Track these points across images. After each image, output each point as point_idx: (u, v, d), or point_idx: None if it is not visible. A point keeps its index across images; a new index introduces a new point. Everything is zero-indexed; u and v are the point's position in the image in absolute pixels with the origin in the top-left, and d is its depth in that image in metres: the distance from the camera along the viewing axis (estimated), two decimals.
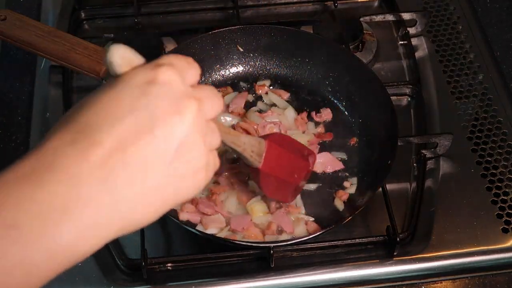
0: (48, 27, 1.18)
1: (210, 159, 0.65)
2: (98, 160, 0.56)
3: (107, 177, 0.56)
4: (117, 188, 0.57)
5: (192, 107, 0.60)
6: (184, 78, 0.61)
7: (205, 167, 0.63)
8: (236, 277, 1.04)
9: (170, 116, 0.59)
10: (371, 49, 1.36)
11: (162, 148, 0.58)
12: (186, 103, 0.60)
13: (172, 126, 0.59)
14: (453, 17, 1.43)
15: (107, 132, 0.57)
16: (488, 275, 1.07)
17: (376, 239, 1.07)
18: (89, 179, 0.56)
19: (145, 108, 0.58)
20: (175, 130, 0.59)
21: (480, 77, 1.33)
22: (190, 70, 0.63)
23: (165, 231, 1.11)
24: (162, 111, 0.58)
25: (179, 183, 0.61)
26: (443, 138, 1.16)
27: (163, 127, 0.58)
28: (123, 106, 0.58)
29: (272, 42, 1.26)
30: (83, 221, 0.56)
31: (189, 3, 1.46)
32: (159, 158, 0.58)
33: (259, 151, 0.96)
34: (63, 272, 1.02)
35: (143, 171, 0.58)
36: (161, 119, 0.58)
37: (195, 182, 0.63)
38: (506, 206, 1.13)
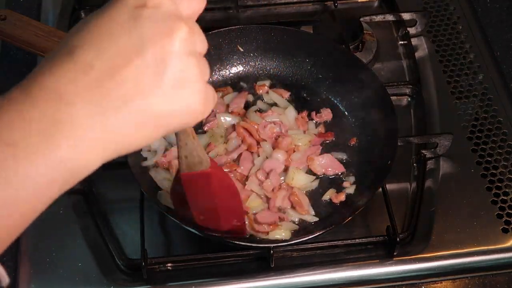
0: (48, 27, 1.18)
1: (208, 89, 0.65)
2: (89, 81, 0.56)
3: (99, 99, 0.56)
4: (108, 110, 0.57)
5: (182, 29, 0.61)
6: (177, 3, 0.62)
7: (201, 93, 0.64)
8: (236, 277, 1.04)
9: (160, 38, 0.59)
10: (371, 49, 1.36)
11: (152, 69, 0.59)
12: (176, 24, 0.60)
13: (163, 47, 0.59)
14: (453, 17, 1.44)
15: (96, 55, 0.57)
16: (488, 275, 1.07)
17: (376, 239, 1.07)
18: (81, 100, 0.56)
19: (135, 29, 0.58)
20: (165, 51, 0.59)
21: (480, 77, 1.33)
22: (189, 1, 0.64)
23: (165, 231, 1.11)
24: (152, 33, 0.59)
25: (171, 104, 0.61)
26: (443, 138, 1.16)
27: (153, 48, 0.58)
28: (114, 29, 0.58)
29: (272, 42, 1.27)
30: (77, 138, 0.56)
31: None
32: (150, 79, 0.59)
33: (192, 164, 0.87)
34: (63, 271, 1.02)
35: (135, 93, 0.58)
36: (151, 41, 0.58)
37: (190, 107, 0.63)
38: (506, 206, 1.13)
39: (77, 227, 1.10)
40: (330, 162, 1.15)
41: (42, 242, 1.08)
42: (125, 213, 1.12)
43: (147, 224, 1.05)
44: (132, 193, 1.08)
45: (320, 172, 1.14)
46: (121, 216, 1.12)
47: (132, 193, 1.08)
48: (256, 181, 1.11)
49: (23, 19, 1.17)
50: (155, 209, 1.10)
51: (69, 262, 1.06)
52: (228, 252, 1.06)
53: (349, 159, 1.16)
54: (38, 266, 1.05)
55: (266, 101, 1.24)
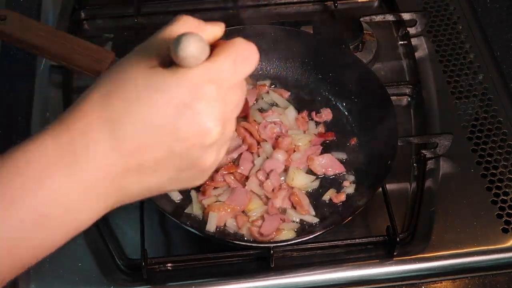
0: (48, 27, 1.18)
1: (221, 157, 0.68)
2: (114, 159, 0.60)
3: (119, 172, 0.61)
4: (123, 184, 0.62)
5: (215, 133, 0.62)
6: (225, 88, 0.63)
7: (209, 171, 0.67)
8: (236, 277, 1.04)
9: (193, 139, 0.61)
10: (371, 49, 1.36)
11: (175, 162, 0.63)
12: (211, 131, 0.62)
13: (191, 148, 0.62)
14: (453, 17, 1.44)
15: (131, 133, 0.60)
16: (488, 275, 1.07)
17: (376, 239, 1.07)
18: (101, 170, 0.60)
19: (173, 124, 0.60)
20: (192, 152, 0.62)
21: (480, 77, 1.33)
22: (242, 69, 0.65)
23: (165, 231, 1.11)
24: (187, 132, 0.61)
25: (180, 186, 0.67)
26: (443, 138, 1.16)
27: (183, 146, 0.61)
28: (154, 114, 0.60)
29: (272, 42, 1.26)
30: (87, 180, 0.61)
31: (189, 3, 1.46)
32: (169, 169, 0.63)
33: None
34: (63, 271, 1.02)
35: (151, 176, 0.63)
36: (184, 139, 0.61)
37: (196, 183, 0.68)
38: (506, 206, 1.13)
39: None
40: (330, 162, 1.15)
41: None
42: (125, 213, 1.12)
43: (147, 224, 1.05)
44: None
45: (320, 172, 1.14)
46: (121, 216, 1.12)
47: None
48: (256, 182, 1.11)
49: (23, 19, 1.17)
50: (155, 209, 1.09)
51: (69, 262, 1.06)
52: (228, 252, 1.06)
53: (349, 159, 1.16)
54: (38, 266, 1.05)
55: (266, 101, 1.24)
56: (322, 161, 1.14)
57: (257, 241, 1.03)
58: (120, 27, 1.42)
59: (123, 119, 0.59)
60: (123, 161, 0.60)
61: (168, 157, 0.61)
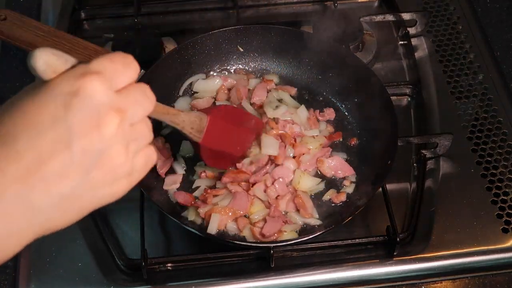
0: (48, 27, 1.18)
1: (136, 164, 0.65)
2: (15, 173, 0.57)
3: (24, 190, 0.58)
4: (33, 200, 0.58)
5: (113, 121, 0.60)
6: (112, 84, 0.61)
7: (127, 175, 0.64)
8: (236, 277, 1.04)
9: (89, 130, 0.59)
10: (371, 49, 1.36)
11: (79, 161, 0.59)
12: (107, 117, 0.60)
13: (91, 140, 0.59)
14: (453, 17, 1.44)
15: (26, 144, 0.58)
16: (488, 275, 1.07)
17: (376, 239, 1.07)
18: (5, 193, 0.57)
19: (64, 121, 0.58)
20: (93, 144, 0.59)
21: (480, 77, 1.33)
22: (124, 72, 0.62)
23: (165, 231, 1.11)
24: (81, 125, 0.58)
25: (97, 191, 0.62)
26: (443, 138, 1.16)
27: (81, 141, 0.58)
28: (44, 118, 0.58)
29: (272, 42, 1.27)
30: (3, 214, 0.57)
31: (189, 3, 1.46)
32: (76, 171, 0.59)
33: (200, 127, 0.98)
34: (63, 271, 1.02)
35: (59, 182, 0.59)
36: (80, 133, 0.58)
37: (114, 189, 0.64)
38: (506, 206, 1.13)
39: (77, 227, 1.10)
40: (339, 164, 1.14)
41: (42, 242, 1.08)
42: (125, 213, 1.12)
43: (147, 224, 1.05)
44: (132, 193, 1.07)
45: (330, 174, 1.14)
46: (121, 216, 1.12)
47: (132, 193, 1.07)
48: (262, 187, 1.10)
49: (23, 19, 1.17)
50: (155, 209, 1.10)
51: (69, 262, 1.06)
52: (228, 252, 1.06)
53: (349, 159, 1.16)
54: (38, 266, 1.05)
55: (275, 96, 1.24)
56: (332, 163, 1.14)
57: (258, 241, 1.03)
58: (120, 27, 1.42)
59: (16, 133, 0.58)
60: (25, 174, 0.58)
61: (70, 158, 0.58)
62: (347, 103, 1.23)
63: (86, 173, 0.60)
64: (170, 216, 1.01)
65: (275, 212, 1.07)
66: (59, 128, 0.58)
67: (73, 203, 0.61)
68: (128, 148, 0.62)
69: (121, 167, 0.63)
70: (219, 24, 1.38)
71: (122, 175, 0.63)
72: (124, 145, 0.62)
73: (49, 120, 0.58)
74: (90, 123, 0.59)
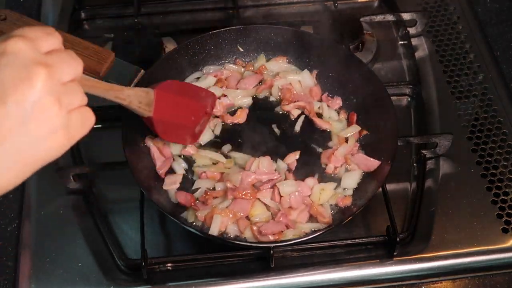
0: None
1: (72, 119, 0.67)
2: None
3: None
4: None
5: (41, 73, 0.63)
6: (36, 46, 0.64)
7: (62, 127, 0.66)
8: (236, 277, 1.04)
9: (20, 83, 0.62)
10: (371, 49, 1.36)
11: (14, 113, 0.62)
12: (35, 69, 0.63)
13: (23, 93, 0.62)
14: (453, 17, 1.44)
15: None
16: (488, 275, 1.07)
17: (376, 239, 1.07)
18: None
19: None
20: (25, 95, 0.62)
21: (480, 77, 1.33)
22: (46, 38, 0.66)
23: (165, 231, 1.11)
24: (12, 79, 0.62)
25: (36, 144, 0.65)
26: (443, 138, 1.16)
27: (14, 95, 0.61)
28: None
29: (272, 42, 1.27)
30: None
31: (189, 3, 1.46)
32: (12, 124, 0.62)
33: (148, 101, 0.99)
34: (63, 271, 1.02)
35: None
36: (11, 87, 0.61)
37: (53, 142, 0.66)
38: (506, 206, 1.13)
39: (77, 227, 1.10)
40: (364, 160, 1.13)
41: (42, 242, 1.08)
42: (125, 213, 1.12)
43: (147, 224, 1.05)
44: (132, 193, 1.08)
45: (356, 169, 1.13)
46: (121, 216, 1.12)
47: (132, 193, 1.08)
48: (269, 195, 1.08)
49: (23, 19, 1.17)
50: (155, 209, 1.10)
51: (69, 262, 1.06)
52: (228, 252, 1.06)
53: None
54: (38, 266, 1.05)
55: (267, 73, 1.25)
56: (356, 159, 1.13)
57: (258, 241, 1.03)
58: (120, 27, 1.42)
59: None
60: None
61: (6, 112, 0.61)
62: (347, 103, 1.23)
63: (23, 125, 0.62)
64: (170, 216, 1.01)
65: (283, 218, 1.05)
66: None
67: (15, 157, 0.64)
68: (61, 100, 0.65)
69: (55, 118, 0.65)
70: (219, 24, 1.38)
71: (58, 126, 0.66)
72: (55, 97, 0.64)
73: None
74: (20, 77, 0.62)
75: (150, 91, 1.01)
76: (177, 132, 1.09)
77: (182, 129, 1.10)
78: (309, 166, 1.14)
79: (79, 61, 0.69)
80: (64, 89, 0.66)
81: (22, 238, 1.08)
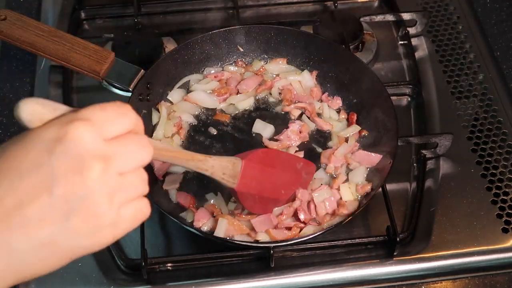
0: (48, 27, 1.18)
1: (122, 216, 0.62)
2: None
3: (3, 232, 0.57)
4: (12, 244, 0.58)
5: (97, 167, 0.59)
6: (101, 132, 0.60)
7: (110, 225, 0.61)
8: (236, 277, 1.04)
9: (71, 175, 0.58)
10: (371, 49, 1.36)
11: (59, 206, 0.58)
12: (90, 162, 0.58)
13: (72, 185, 0.58)
14: (453, 17, 1.44)
15: (8, 188, 0.57)
16: (488, 275, 1.07)
17: (376, 239, 1.07)
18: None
19: (47, 165, 0.57)
20: (74, 189, 0.58)
21: (480, 77, 1.33)
22: (115, 122, 0.61)
23: (165, 231, 1.11)
24: (64, 169, 0.57)
25: (77, 240, 0.60)
26: (443, 138, 1.16)
27: (63, 186, 0.57)
28: (26, 162, 0.58)
29: (272, 42, 1.27)
30: None
31: (189, 3, 1.46)
32: (56, 216, 0.58)
33: (233, 173, 0.95)
34: (63, 271, 1.02)
35: (39, 227, 0.58)
36: (62, 178, 0.57)
37: (96, 239, 0.62)
38: (506, 206, 1.13)
39: None
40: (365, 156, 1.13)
41: None
42: None
43: (147, 224, 1.05)
44: None
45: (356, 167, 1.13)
46: None
47: None
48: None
49: (23, 19, 1.18)
50: (155, 209, 1.09)
51: (69, 262, 1.05)
52: (228, 252, 1.06)
53: None
54: None
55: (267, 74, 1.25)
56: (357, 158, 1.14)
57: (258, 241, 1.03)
58: (120, 27, 1.42)
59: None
60: (5, 218, 0.57)
61: (50, 202, 0.57)
62: (347, 103, 1.23)
63: (66, 219, 0.58)
64: (170, 216, 1.01)
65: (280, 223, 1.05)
66: (41, 172, 0.57)
67: (52, 249, 0.60)
68: (114, 197, 0.61)
69: (103, 216, 0.60)
70: (219, 24, 1.38)
71: (104, 225, 0.61)
72: (107, 193, 0.60)
73: (31, 164, 0.58)
74: (72, 168, 0.58)
75: (237, 162, 0.95)
76: (261, 204, 1.02)
77: (267, 201, 1.03)
78: None
79: (148, 149, 0.63)
80: (121, 183, 0.61)
81: None
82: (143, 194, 0.65)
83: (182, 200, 1.08)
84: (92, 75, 1.15)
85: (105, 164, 0.59)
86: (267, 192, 1.01)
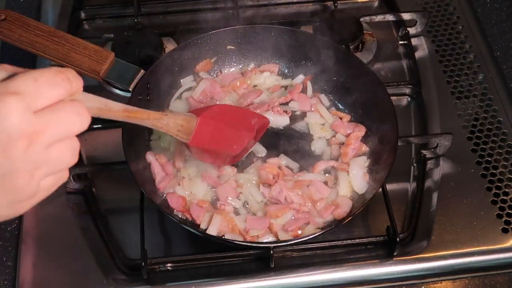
0: (48, 27, 1.18)
1: (41, 186, 0.63)
2: None
3: None
4: None
5: (20, 144, 0.59)
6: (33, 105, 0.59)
7: (29, 197, 0.62)
8: (236, 277, 1.04)
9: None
10: (371, 49, 1.36)
11: None
12: (15, 140, 0.58)
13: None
14: (453, 17, 1.44)
15: None
16: (488, 275, 1.07)
17: (376, 239, 1.07)
18: None
19: None
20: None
21: (480, 77, 1.33)
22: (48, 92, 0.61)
23: (165, 231, 1.11)
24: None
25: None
26: (443, 138, 1.16)
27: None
28: None
29: (272, 42, 1.26)
30: None
31: (189, 3, 1.46)
32: None
33: (188, 130, 0.97)
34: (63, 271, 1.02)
35: None
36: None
37: (14, 210, 0.63)
38: (506, 206, 1.13)
39: (77, 227, 1.10)
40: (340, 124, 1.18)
41: (42, 242, 1.08)
42: (125, 213, 1.12)
43: (147, 224, 1.05)
44: (132, 193, 1.08)
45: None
46: (121, 216, 1.12)
47: (132, 193, 1.08)
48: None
49: (23, 19, 1.17)
50: (155, 209, 1.10)
51: (69, 262, 1.06)
52: (228, 252, 1.06)
53: None
54: (38, 266, 1.05)
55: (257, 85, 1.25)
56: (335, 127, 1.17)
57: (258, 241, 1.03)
58: (120, 27, 1.42)
59: None
60: None
61: None
62: (346, 103, 1.22)
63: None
64: (170, 216, 1.01)
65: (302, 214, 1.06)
66: None
67: None
68: (36, 172, 0.61)
69: (24, 190, 0.61)
70: (219, 24, 1.38)
71: (23, 198, 0.62)
72: (30, 169, 0.60)
73: None
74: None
75: (192, 118, 0.98)
76: (213, 158, 1.06)
77: (220, 156, 1.05)
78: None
79: (82, 117, 0.63)
80: (46, 157, 0.61)
81: (22, 238, 1.08)
82: (71, 165, 0.65)
83: (174, 203, 1.07)
84: (92, 75, 1.15)
85: (31, 140, 0.59)
86: (219, 146, 1.03)
